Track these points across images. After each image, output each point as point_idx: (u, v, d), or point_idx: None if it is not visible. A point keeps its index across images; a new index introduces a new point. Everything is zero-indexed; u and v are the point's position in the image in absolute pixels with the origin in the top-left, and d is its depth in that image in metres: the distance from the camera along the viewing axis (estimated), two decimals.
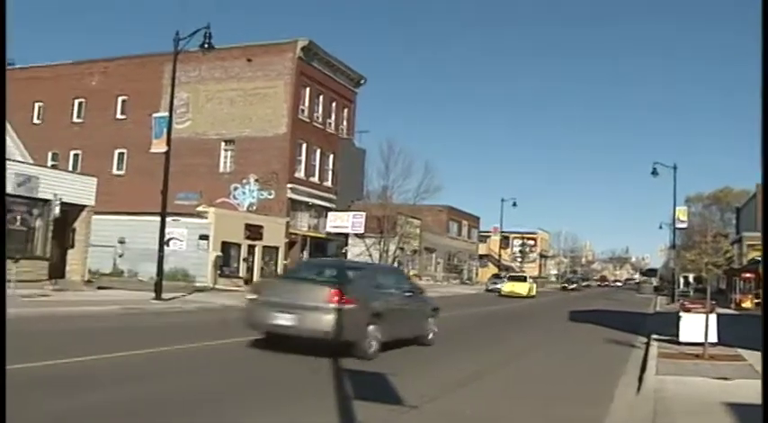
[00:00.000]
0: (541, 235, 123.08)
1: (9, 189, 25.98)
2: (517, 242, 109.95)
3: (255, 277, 43.24)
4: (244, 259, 42.92)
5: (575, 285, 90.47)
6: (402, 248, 61.37)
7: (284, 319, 13.48)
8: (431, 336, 16.99)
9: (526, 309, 37.46)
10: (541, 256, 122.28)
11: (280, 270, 45.50)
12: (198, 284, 36.38)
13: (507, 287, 53.07)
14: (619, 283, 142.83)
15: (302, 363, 12.70)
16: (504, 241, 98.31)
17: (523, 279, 55.52)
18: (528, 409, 9.91)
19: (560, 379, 13.06)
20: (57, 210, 27.57)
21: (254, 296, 14.58)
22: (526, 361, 15.72)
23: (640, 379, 12.29)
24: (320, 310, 13.17)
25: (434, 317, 17.57)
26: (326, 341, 13.33)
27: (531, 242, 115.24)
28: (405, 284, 17.32)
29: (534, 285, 56.49)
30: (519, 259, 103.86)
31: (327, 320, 13.10)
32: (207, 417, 8.41)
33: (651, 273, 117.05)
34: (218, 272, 39.55)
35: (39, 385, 9.52)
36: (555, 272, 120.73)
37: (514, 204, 74.92)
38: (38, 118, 56.30)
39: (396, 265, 61.59)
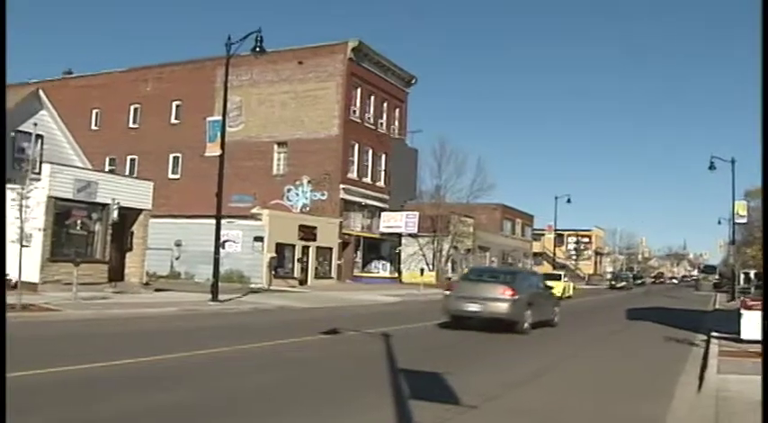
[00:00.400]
0: (596, 232, 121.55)
1: (69, 194, 26.50)
2: (572, 240, 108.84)
3: (310, 278, 43.49)
4: (298, 260, 43.17)
5: (624, 283, 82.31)
6: (456, 247, 61.12)
7: (472, 307, 19.59)
8: (556, 319, 22.95)
9: (577, 308, 37.03)
10: (596, 253, 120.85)
11: (334, 271, 45.76)
12: (253, 285, 36.65)
13: None
14: (675, 281, 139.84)
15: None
16: (559, 239, 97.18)
17: (557, 278, 47.65)
18: (588, 406, 9.75)
19: (619, 376, 12.83)
20: (115, 214, 27.99)
21: (449, 292, 21.19)
22: (584, 358, 15.51)
23: (701, 377, 12.00)
24: (498, 300, 19.30)
25: (558, 306, 24.02)
26: (502, 321, 19.36)
27: (586, 240, 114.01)
28: (541, 284, 23.67)
29: (570, 284, 49.33)
30: (574, 257, 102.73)
31: (503, 307, 19.24)
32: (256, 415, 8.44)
33: (710, 269, 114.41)
34: (273, 273, 39.83)
35: (110, 384, 9.71)
36: (611, 269, 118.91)
37: (569, 201, 74.04)
38: (95, 124, 57.46)
39: (450, 264, 61.48)
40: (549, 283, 34.77)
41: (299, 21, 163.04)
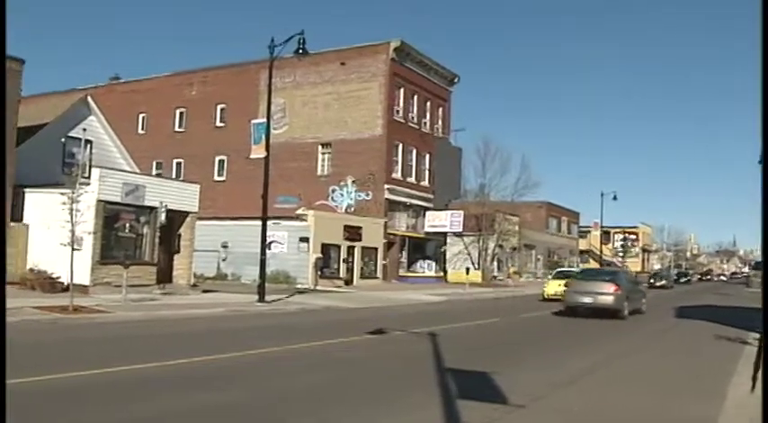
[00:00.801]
0: (643, 229, 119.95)
1: (118, 198, 26.90)
2: (618, 237, 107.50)
3: (355, 278, 43.58)
4: (343, 260, 43.27)
5: (663, 282, 73.13)
6: (501, 246, 60.83)
7: (586, 299, 25.61)
8: (644, 308, 29.04)
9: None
10: (644, 250, 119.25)
11: (379, 271, 45.82)
12: (299, 286, 36.85)
13: (551, 287, 36.37)
14: (724, 278, 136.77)
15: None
16: (605, 236, 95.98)
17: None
18: (637, 406, 9.62)
19: (668, 376, 12.62)
20: (163, 216, 28.34)
21: (567, 288, 27.21)
22: (633, 358, 15.31)
23: (754, 378, 11.73)
24: (606, 294, 25.44)
25: (645, 298, 30.27)
26: (608, 310, 25.16)
27: (633, 237, 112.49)
28: (633, 280, 30.88)
29: None
30: (620, 254, 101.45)
31: (610, 299, 25.37)
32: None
33: (761, 266, 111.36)
34: (319, 273, 39.98)
35: (165, 384, 9.87)
36: (658, 266, 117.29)
37: (615, 198, 73.06)
38: (142, 129, 58.29)
39: (495, 262, 61.22)
40: (560, 282, 33.36)
41: (341, 22, 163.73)
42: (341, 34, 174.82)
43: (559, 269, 47.83)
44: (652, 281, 71.83)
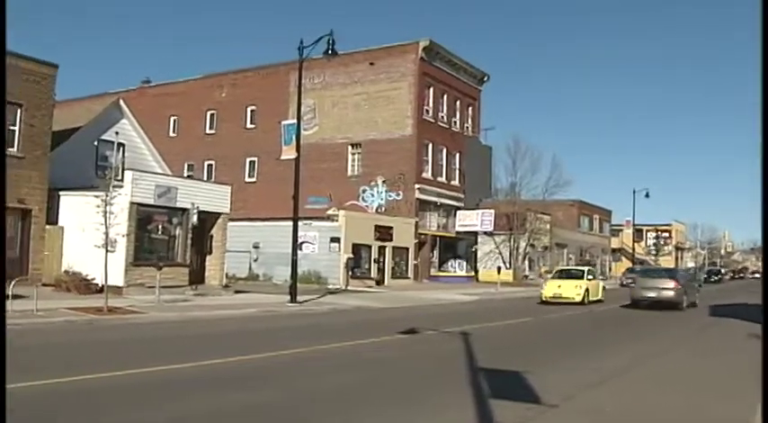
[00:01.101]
0: (676, 227, 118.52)
1: (150, 200, 27.11)
2: (651, 235, 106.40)
3: (387, 278, 43.58)
4: (375, 260, 43.29)
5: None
6: (533, 245, 60.47)
7: (651, 294, 30.26)
8: (697, 301, 32.58)
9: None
10: (677, 248, 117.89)
11: (410, 271, 45.76)
12: (330, 286, 36.90)
13: (550, 288, 32.59)
14: (758, 275, 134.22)
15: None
16: (638, 234, 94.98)
17: (578, 275, 34.05)
18: (671, 406, 9.51)
19: (702, 376, 12.45)
20: (195, 218, 28.51)
21: (633, 284, 33.10)
22: (668, 356, 15.15)
23: None
24: (668, 289, 29.98)
25: (699, 292, 35.32)
26: (670, 302, 29.54)
27: (666, 235, 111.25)
28: (688, 275, 37.85)
29: (599, 284, 35.25)
30: (653, 253, 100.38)
31: (672, 293, 29.84)
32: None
33: None
34: (350, 273, 40.03)
35: (201, 383, 9.99)
36: (692, 264, 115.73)
37: (647, 195, 72.39)
38: (173, 131, 58.79)
39: (527, 261, 60.92)
40: (564, 283, 32.16)
41: (369, 22, 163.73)
42: (370, 35, 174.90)
43: (561, 267, 43.36)
44: None
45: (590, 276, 34.36)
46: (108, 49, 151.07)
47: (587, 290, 32.37)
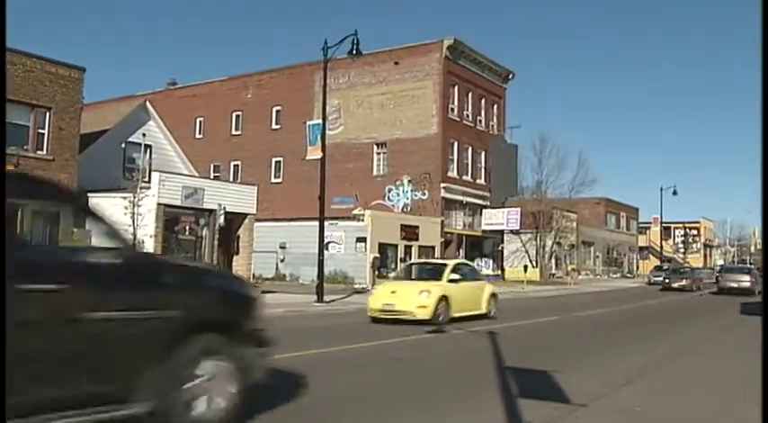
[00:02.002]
0: (705, 224, 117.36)
1: (177, 201, 27.32)
2: (679, 232, 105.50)
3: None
4: (401, 260, 43.24)
5: (684, 282, 47.91)
6: (559, 243, 60.21)
7: (733, 284, 42.48)
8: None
9: (684, 305, 35.87)
10: (705, 246, 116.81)
11: None
12: (357, 286, 36.91)
13: (379, 298, 20.21)
14: None
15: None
16: (666, 232, 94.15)
17: (434, 274, 21.34)
18: (700, 407, 9.37)
19: (729, 375, 12.25)
20: (221, 219, 28.73)
21: (719, 277, 45.63)
22: (697, 355, 14.97)
23: None
24: (745, 281, 42.54)
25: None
26: (746, 290, 40.70)
27: (694, 232, 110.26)
28: (753, 268, 50.95)
29: (482, 290, 21.97)
30: (681, 250, 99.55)
31: (748, 284, 41.95)
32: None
33: None
34: (376, 273, 40.01)
35: None
36: (721, 262, 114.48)
37: (675, 192, 71.77)
38: (199, 133, 59.08)
39: (554, 260, 60.66)
40: (397, 286, 20.61)
41: (393, 21, 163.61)
42: (394, 34, 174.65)
43: (412, 262, 30.63)
44: (668, 280, 48.97)
45: (456, 276, 20.76)
46: (134, 51, 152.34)
47: (443, 300, 19.38)
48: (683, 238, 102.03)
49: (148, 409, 5.69)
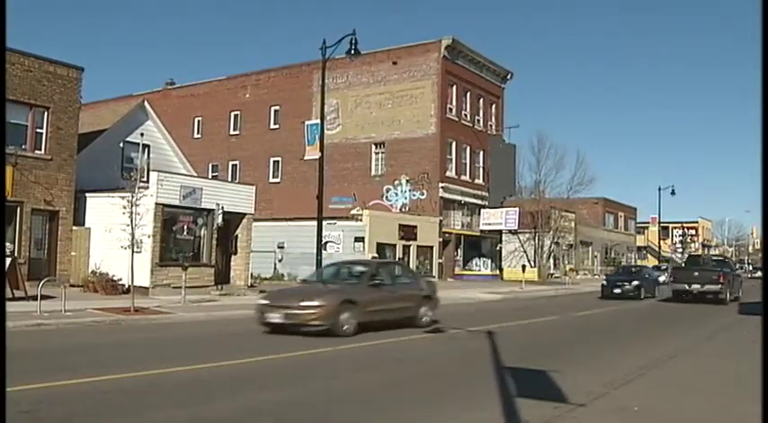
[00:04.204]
0: (703, 223, 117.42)
1: (176, 201, 27.25)
2: (677, 232, 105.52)
3: None
4: (399, 259, 43.18)
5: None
6: (557, 243, 60.11)
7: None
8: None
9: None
10: (704, 245, 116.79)
11: (435, 270, 45.55)
12: None
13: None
14: None
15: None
16: (664, 232, 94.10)
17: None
18: (698, 406, 9.46)
19: (729, 373, 12.34)
20: (219, 218, 28.64)
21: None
22: (695, 355, 14.99)
23: None
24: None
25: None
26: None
27: (692, 232, 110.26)
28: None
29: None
30: (679, 250, 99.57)
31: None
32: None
33: None
34: None
35: (229, 382, 10.01)
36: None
37: (673, 192, 71.70)
38: (197, 132, 59.00)
39: (552, 260, 60.62)
40: None
41: (391, 21, 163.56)
42: (392, 33, 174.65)
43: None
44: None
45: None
46: (132, 50, 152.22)
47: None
48: (681, 238, 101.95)
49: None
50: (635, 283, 35.60)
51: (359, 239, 40.39)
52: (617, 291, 35.05)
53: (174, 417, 7.98)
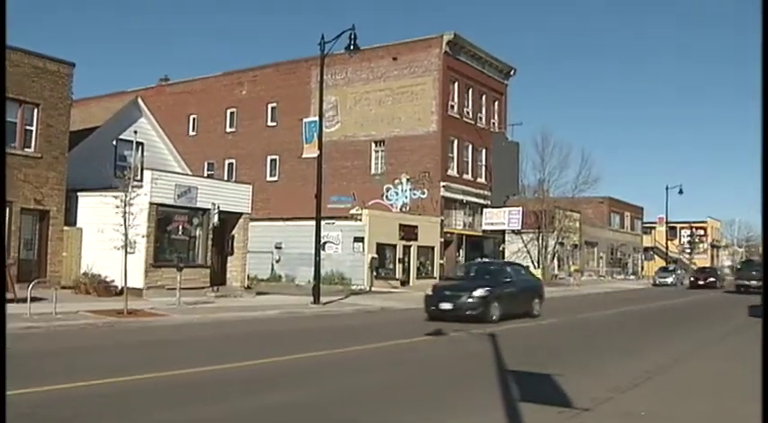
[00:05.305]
0: (712, 223, 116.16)
1: (170, 200, 26.60)
2: (685, 232, 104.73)
3: (412, 278, 42.87)
4: (399, 260, 42.62)
5: (671, 278, 49.48)
6: (562, 243, 59.54)
7: (753, 283, 44.91)
8: None
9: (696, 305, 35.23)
10: (713, 246, 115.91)
11: (436, 270, 44.93)
12: (354, 287, 36.38)
13: None
14: None
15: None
16: (671, 232, 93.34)
17: None
18: (705, 409, 9.16)
19: (735, 376, 12.00)
20: (215, 218, 28.11)
21: (737, 279, 50.48)
22: (702, 359, 14.55)
23: None
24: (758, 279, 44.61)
25: None
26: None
27: (701, 232, 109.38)
28: None
29: None
30: (687, 251, 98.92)
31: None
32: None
33: None
34: (374, 274, 39.36)
35: (229, 386, 9.87)
36: (729, 263, 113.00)
37: (681, 191, 71.21)
38: (193, 130, 58.24)
39: (556, 260, 60.13)
40: None
41: (391, 16, 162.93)
42: (392, 29, 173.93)
43: None
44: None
45: None
46: (125, 45, 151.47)
47: None
48: (689, 239, 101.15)
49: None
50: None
51: (358, 240, 39.82)
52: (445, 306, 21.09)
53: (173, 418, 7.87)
